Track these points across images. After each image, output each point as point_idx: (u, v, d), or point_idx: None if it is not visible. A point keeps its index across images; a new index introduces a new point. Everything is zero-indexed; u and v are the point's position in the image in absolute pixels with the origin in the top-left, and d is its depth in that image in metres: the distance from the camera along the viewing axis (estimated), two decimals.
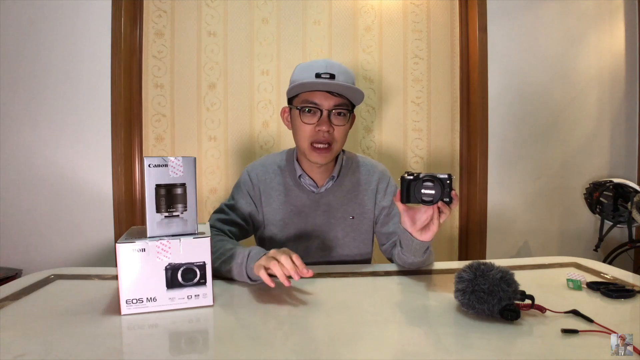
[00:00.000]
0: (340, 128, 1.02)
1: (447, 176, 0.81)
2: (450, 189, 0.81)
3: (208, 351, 0.63)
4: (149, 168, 0.73)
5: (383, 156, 2.00)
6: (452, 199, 0.81)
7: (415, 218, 0.87)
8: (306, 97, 1.01)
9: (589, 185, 2.01)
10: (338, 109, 1.01)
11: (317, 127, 1.00)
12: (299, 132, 1.03)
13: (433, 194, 0.80)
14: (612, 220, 1.91)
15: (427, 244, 0.90)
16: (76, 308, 0.75)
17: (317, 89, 0.99)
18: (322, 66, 0.99)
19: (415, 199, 0.82)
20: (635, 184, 1.89)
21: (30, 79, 1.74)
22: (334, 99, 1.00)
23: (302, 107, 1.01)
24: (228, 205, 1.10)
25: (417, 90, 2.01)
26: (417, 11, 2.00)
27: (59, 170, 1.77)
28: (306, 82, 0.97)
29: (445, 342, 0.62)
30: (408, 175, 0.83)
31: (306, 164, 1.09)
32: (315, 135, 1.01)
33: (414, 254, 0.92)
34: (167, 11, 1.87)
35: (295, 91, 1.02)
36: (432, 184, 0.80)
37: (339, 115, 1.02)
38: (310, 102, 1.00)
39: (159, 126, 1.89)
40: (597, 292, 0.82)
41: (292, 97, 1.06)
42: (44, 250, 1.77)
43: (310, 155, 1.03)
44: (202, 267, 0.74)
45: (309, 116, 1.01)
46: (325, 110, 1.00)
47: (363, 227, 1.12)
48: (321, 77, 0.98)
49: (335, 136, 1.02)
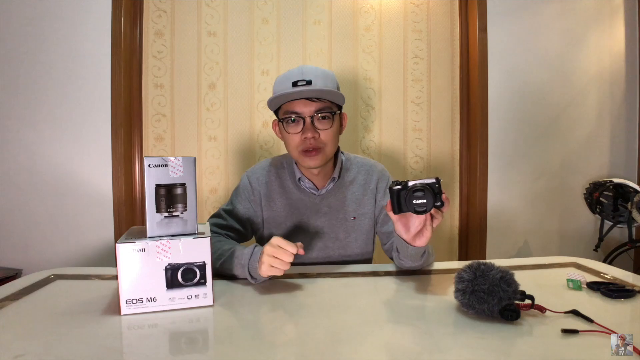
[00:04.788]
0: (326, 132, 1.02)
1: (434, 180, 0.79)
2: (440, 193, 0.79)
3: (208, 351, 0.63)
4: (149, 168, 0.73)
5: (383, 156, 2.00)
6: (444, 202, 0.80)
7: (409, 225, 0.86)
8: (286, 108, 1.01)
9: (589, 185, 2.01)
10: (320, 113, 1.00)
11: (303, 135, 1.00)
12: (288, 142, 1.04)
13: (425, 202, 0.78)
14: (612, 220, 1.91)
15: (423, 248, 0.90)
16: (76, 308, 0.75)
17: (293, 98, 0.99)
18: (298, 74, 0.99)
19: (407, 208, 0.81)
20: (635, 184, 1.88)
21: (30, 79, 1.74)
22: (314, 104, 1.00)
23: (284, 118, 1.02)
24: (226, 211, 1.11)
25: (417, 90, 2.01)
26: (417, 11, 2.00)
27: (59, 170, 1.77)
28: (283, 93, 0.98)
29: (445, 342, 0.62)
30: (396, 185, 0.81)
31: (304, 168, 1.09)
32: (303, 143, 1.01)
33: (411, 259, 0.92)
34: (167, 11, 1.87)
35: (276, 104, 1.03)
36: (422, 193, 0.78)
37: (323, 119, 1.01)
38: (291, 112, 1.00)
39: (159, 126, 1.89)
40: (597, 292, 0.82)
41: (277, 110, 1.06)
42: (44, 250, 1.77)
43: (302, 162, 1.03)
44: (202, 267, 0.74)
45: (293, 126, 1.01)
46: (307, 117, 1.00)
47: (364, 227, 1.12)
48: (297, 85, 0.98)
49: (323, 140, 1.02)
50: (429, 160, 2.04)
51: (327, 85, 1.00)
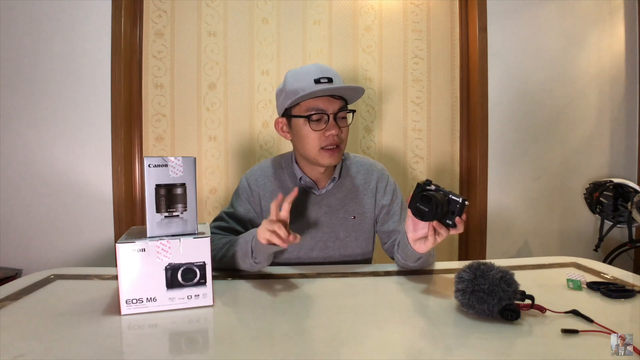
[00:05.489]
0: (346, 129, 1.04)
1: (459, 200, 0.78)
2: (455, 214, 0.79)
3: (208, 351, 0.63)
4: (149, 168, 0.73)
5: (383, 156, 2.00)
6: (456, 225, 0.79)
7: (418, 226, 0.87)
8: (309, 105, 1.00)
9: (589, 185, 2.01)
10: (342, 111, 1.02)
11: (327, 132, 1.00)
12: (307, 140, 1.02)
13: (425, 211, 0.78)
14: (612, 220, 1.91)
15: (420, 254, 0.90)
16: (76, 308, 0.75)
17: (322, 95, 0.99)
18: (317, 71, 0.99)
19: (411, 205, 0.81)
20: (635, 184, 1.88)
21: (30, 79, 1.74)
22: (337, 102, 1.01)
23: (309, 114, 1.00)
24: (227, 213, 1.11)
25: (417, 90, 2.01)
26: (417, 11, 2.00)
27: (59, 170, 1.77)
28: (312, 90, 0.96)
29: (445, 342, 0.62)
30: (423, 182, 0.82)
31: (308, 167, 1.08)
32: (325, 140, 1.00)
33: (407, 256, 0.93)
34: (167, 11, 1.87)
35: (296, 100, 1.00)
36: (428, 202, 0.77)
37: (343, 118, 1.04)
38: (315, 109, 1.00)
39: (159, 126, 1.89)
40: (597, 292, 0.82)
41: (289, 107, 1.04)
42: (44, 250, 1.77)
43: (321, 159, 1.02)
44: (202, 267, 0.74)
45: (316, 123, 1.01)
46: (331, 114, 1.00)
47: (365, 227, 1.12)
48: (320, 83, 0.98)
49: (343, 137, 1.04)
50: (429, 160, 2.04)
51: (342, 83, 1.01)
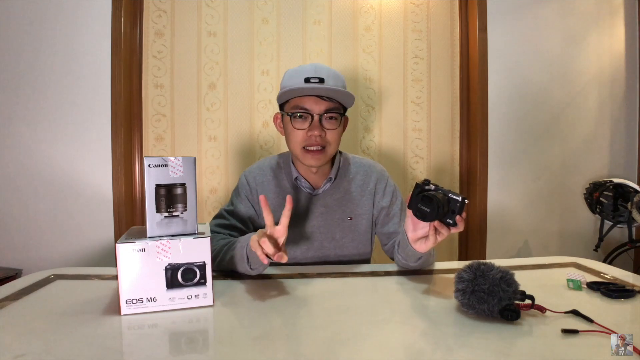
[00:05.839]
0: (332, 132, 1.02)
1: (459, 199, 0.78)
2: (456, 213, 0.79)
3: (208, 351, 0.63)
4: (149, 168, 0.73)
5: (383, 156, 2.00)
6: (457, 223, 0.79)
7: (419, 226, 0.86)
8: (296, 103, 1.00)
9: (589, 185, 2.01)
10: (329, 113, 1.00)
11: (309, 132, 1.00)
12: (291, 137, 1.03)
13: (427, 211, 0.78)
14: (612, 220, 1.91)
15: (420, 254, 0.90)
16: (76, 308, 0.75)
17: (306, 94, 0.99)
18: (311, 70, 0.99)
19: (412, 206, 0.81)
20: (635, 184, 1.88)
21: (30, 79, 1.74)
22: (325, 104, 1.00)
23: (293, 112, 1.01)
24: (227, 211, 1.11)
25: (417, 90, 2.01)
26: (417, 11, 2.00)
27: (59, 170, 1.77)
28: (295, 87, 0.97)
29: (445, 342, 0.62)
30: (422, 182, 0.82)
31: (302, 167, 1.09)
32: (308, 139, 1.00)
33: (407, 256, 0.93)
34: (167, 11, 1.87)
35: (285, 97, 1.02)
36: (429, 202, 0.77)
37: (331, 119, 1.02)
38: (300, 108, 1.00)
39: (159, 126, 1.89)
40: (597, 292, 0.82)
41: (283, 103, 1.05)
42: (44, 250, 1.77)
43: (303, 159, 1.03)
44: (202, 267, 0.74)
45: (300, 121, 1.01)
46: (316, 115, 0.99)
47: (361, 228, 1.12)
48: (310, 82, 0.97)
49: (328, 139, 1.02)
50: (429, 160, 2.04)
51: (337, 85, 1.00)
